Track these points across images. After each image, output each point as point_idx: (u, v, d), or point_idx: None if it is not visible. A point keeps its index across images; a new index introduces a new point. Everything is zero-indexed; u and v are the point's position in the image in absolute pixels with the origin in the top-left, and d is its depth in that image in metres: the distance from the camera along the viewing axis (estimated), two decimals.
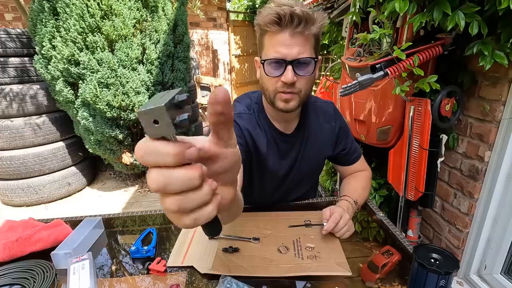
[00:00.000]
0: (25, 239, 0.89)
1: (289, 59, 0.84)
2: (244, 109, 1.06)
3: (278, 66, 0.86)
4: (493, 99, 1.38)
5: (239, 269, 0.82)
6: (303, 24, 0.82)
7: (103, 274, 0.84)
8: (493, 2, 1.15)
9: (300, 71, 0.86)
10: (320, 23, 0.85)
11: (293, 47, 0.83)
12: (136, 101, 2.66)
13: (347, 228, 0.93)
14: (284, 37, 0.83)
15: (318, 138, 1.11)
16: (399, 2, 1.28)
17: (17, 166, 2.77)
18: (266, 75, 0.89)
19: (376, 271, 0.79)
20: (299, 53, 0.84)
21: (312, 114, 1.10)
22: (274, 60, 0.86)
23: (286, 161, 1.09)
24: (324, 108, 1.14)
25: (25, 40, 2.78)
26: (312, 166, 1.16)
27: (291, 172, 1.12)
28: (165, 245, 0.96)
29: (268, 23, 0.83)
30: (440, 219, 1.78)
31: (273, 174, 1.09)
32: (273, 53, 0.85)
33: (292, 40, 0.83)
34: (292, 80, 0.85)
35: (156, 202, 3.08)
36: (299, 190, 1.20)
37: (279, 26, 0.82)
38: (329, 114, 1.14)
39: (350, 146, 1.18)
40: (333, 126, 1.13)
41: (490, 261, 1.60)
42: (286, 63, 0.85)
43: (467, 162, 1.55)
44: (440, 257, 0.71)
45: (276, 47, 0.84)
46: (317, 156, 1.14)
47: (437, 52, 1.36)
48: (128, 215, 1.15)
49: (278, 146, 1.06)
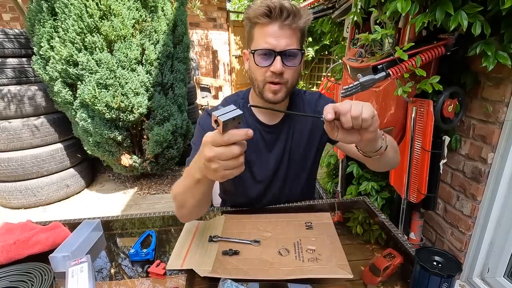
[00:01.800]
0: (23, 241, 0.88)
1: (278, 50, 0.89)
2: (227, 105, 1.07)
3: (267, 57, 0.91)
4: (496, 100, 1.37)
5: (239, 272, 0.81)
6: (291, 17, 0.87)
7: (102, 277, 0.84)
8: (496, 2, 1.15)
9: (288, 62, 0.92)
10: (307, 18, 0.92)
11: (281, 39, 0.89)
12: (135, 102, 2.64)
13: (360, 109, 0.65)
14: (274, 29, 0.88)
15: (306, 128, 1.12)
16: (401, 2, 1.27)
17: (15, 168, 2.75)
18: (255, 65, 0.94)
19: (378, 274, 0.79)
20: (287, 45, 0.89)
21: (299, 105, 1.13)
22: (264, 51, 0.91)
23: (273, 154, 1.11)
24: (310, 98, 1.16)
25: (23, 40, 2.76)
26: (303, 158, 1.16)
27: (281, 164, 1.13)
28: (164, 247, 0.95)
29: (258, 15, 0.88)
30: (442, 221, 1.77)
31: (262, 168, 1.12)
32: (263, 43, 0.90)
33: (281, 32, 0.88)
34: (280, 70, 0.90)
35: (155, 204, 3.07)
36: (294, 187, 1.19)
37: (269, 18, 0.88)
38: (313, 102, 1.15)
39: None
40: (318, 112, 1.11)
41: (493, 264, 1.58)
42: (275, 53, 0.90)
43: (470, 164, 1.54)
44: (442, 260, 0.71)
45: (266, 38, 0.89)
46: (307, 147, 1.14)
47: (439, 53, 1.35)
48: (127, 217, 1.14)
49: (263, 137, 1.10)
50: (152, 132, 2.88)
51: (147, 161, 3.11)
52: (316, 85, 6.52)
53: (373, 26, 1.60)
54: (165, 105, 2.91)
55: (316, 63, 6.39)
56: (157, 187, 3.40)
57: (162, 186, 3.41)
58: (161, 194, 3.26)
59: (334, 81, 2.35)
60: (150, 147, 2.95)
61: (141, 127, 2.98)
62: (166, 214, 1.15)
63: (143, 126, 2.95)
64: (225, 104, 1.09)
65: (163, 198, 3.19)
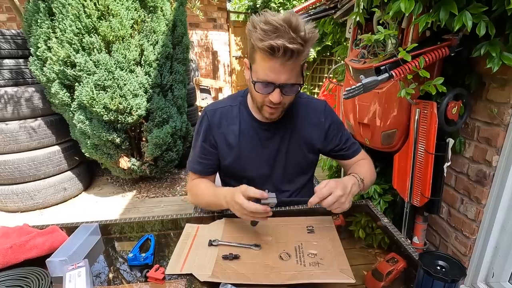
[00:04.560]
0: (19, 246, 0.88)
1: (278, 83, 0.94)
2: (225, 103, 1.19)
3: (267, 87, 0.96)
4: (501, 102, 1.36)
5: (239, 276, 0.80)
6: (294, 57, 0.89)
7: (100, 282, 0.84)
8: (501, 2, 1.13)
9: (286, 92, 0.97)
10: (310, 49, 0.94)
11: (282, 74, 0.92)
12: (134, 104, 2.62)
13: (339, 205, 0.91)
14: (275, 65, 0.90)
15: (305, 131, 1.17)
16: (404, 2, 1.26)
17: (11, 171, 2.73)
18: (255, 91, 0.98)
19: (381, 279, 0.78)
20: (287, 79, 0.94)
21: (301, 108, 1.17)
22: (264, 84, 0.95)
23: (267, 151, 1.16)
24: (315, 105, 1.20)
25: (19, 41, 2.75)
26: (300, 159, 1.20)
27: (276, 162, 1.18)
28: (163, 252, 0.95)
29: (260, 49, 0.89)
30: (446, 225, 1.75)
31: (256, 163, 1.17)
32: (263, 76, 0.94)
33: (282, 68, 0.91)
34: (279, 101, 0.96)
35: (154, 207, 3.05)
36: (291, 187, 1.24)
37: (272, 56, 0.88)
38: (319, 110, 1.19)
39: (344, 142, 1.23)
40: (322, 122, 1.19)
41: (498, 268, 1.56)
42: (274, 85, 0.94)
43: (474, 167, 1.53)
44: (446, 264, 0.71)
45: (267, 71, 0.92)
46: (304, 148, 1.19)
47: (443, 54, 1.33)
48: (126, 221, 1.14)
49: (258, 134, 1.15)
50: (151, 135, 2.86)
51: (146, 164, 3.09)
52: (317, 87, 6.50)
53: (376, 26, 1.59)
54: (164, 107, 2.89)
55: (318, 64, 6.37)
56: (156, 191, 3.37)
57: (161, 190, 3.39)
58: (160, 198, 3.24)
59: (336, 82, 2.33)
60: (149, 149, 2.93)
61: (139, 129, 2.97)
62: (165, 218, 1.15)
63: (142, 128, 2.93)
64: (228, 98, 1.23)
65: (162, 201, 3.17)
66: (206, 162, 1.18)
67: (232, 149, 1.15)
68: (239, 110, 1.16)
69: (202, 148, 1.17)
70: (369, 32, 1.62)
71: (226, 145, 1.15)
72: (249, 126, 1.15)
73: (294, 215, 1.12)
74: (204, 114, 1.17)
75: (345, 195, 0.92)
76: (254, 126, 1.14)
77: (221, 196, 1.00)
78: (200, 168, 1.19)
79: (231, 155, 1.16)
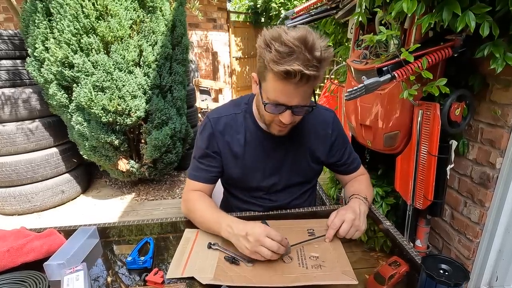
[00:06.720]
0: (16, 249, 0.87)
1: (289, 105, 0.91)
2: (229, 110, 1.15)
3: (278, 107, 0.93)
4: (505, 103, 1.35)
5: (241, 279, 0.80)
6: (310, 81, 0.87)
7: (98, 286, 0.83)
8: (505, 2, 1.12)
9: (297, 113, 0.95)
10: (324, 70, 0.90)
11: (295, 97, 0.90)
12: (133, 105, 2.61)
13: (356, 228, 0.95)
14: (289, 89, 0.87)
15: (311, 142, 1.16)
16: (407, 2, 1.24)
17: (8, 173, 2.71)
18: (265, 110, 0.95)
19: (383, 282, 0.77)
20: (299, 102, 0.91)
21: (309, 117, 1.12)
22: (275, 105, 0.92)
23: (271, 159, 1.14)
24: (323, 115, 1.19)
25: (17, 41, 2.74)
26: (304, 169, 1.19)
27: (280, 172, 1.16)
28: (162, 255, 0.95)
29: (274, 71, 0.84)
30: (449, 228, 1.74)
31: (261, 174, 1.16)
32: (275, 97, 0.90)
33: (295, 91, 0.88)
34: (289, 122, 0.95)
35: (153, 210, 3.03)
36: (293, 194, 1.23)
37: (286, 80, 0.85)
38: (327, 122, 1.19)
39: (347, 158, 1.24)
40: (329, 134, 1.18)
41: (501, 272, 1.55)
42: (286, 107, 0.92)
43: (478, 169, 1.51)
44: (449, 268, 0.71)
45: (278, 93, 0.89)
46: (309, 158, 1.18)
47: (446, 54, 1.32)
48: (124, 224, 1.14)
49: (263, 143, 1.13)
50: (150, 136, 2.84)
51: (145, 166, 3.07)
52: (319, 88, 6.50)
53: (378, 27, 1.58)
54: (164, 108, 2.87)
55: None
56: (155, 193, 3.35)
57: (160, 192, 3.37)
58: (159, 200, 3.22)
59: (338, 83, 2.32)
60: (148, 151, 2.91)
61: (138, 131, 2.95)
62: (164, 221, 1.13)
63: (141, 130, 2.92)
64: (231, 104, 1.19)
65: (161, 204, 3.15)
66: (208, 169, 1.14)
67: (237, 159, 1.13)
68: (244, 118, 1.13)
69: (204, 155, 1.13)
70: (371, 32, 1.61)
71: (231, 155, 1.13)
72: (254, 135, 1.13)
73: (295, 218, 1.12)
74: (208, 121, 1.13)
75: (357, 216, 0.95)
76: (259, 136, 1.12)
77: (223, 224, 0.94)
78: (201, 175, 1.14)
79: (237, 166, 1.14)
